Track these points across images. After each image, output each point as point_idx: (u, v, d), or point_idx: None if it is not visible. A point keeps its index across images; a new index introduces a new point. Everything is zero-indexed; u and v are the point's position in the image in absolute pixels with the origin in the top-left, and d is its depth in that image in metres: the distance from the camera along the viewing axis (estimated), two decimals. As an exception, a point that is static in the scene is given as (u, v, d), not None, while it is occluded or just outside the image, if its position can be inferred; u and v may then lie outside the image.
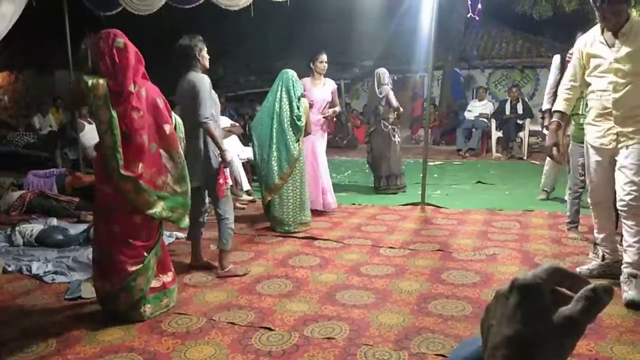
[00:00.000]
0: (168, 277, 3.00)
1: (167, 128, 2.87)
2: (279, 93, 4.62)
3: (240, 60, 15.14)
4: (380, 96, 6.28)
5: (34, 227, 4.46)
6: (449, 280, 3.34)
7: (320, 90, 5.31)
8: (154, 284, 2.89)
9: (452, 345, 2.43)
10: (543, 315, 0.46)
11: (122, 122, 2.71)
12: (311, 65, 5.24)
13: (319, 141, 5.36)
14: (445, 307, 2.92)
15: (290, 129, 4.58)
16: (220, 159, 3.55)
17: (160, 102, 2.88)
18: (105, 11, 6.06)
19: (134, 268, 2.79)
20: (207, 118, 3.39)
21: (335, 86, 5.54)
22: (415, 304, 2.97)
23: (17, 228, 4.44)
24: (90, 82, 2.68)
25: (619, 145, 2.92)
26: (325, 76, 5.37)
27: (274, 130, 4.57)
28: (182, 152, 2.95)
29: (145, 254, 2.84)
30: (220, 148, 3.52)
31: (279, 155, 4.57)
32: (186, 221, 3.00)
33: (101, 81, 2.69)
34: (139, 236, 2.81)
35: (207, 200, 3.77)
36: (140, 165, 2.74)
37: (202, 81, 3.45)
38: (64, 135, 8.49)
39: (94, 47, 2.76)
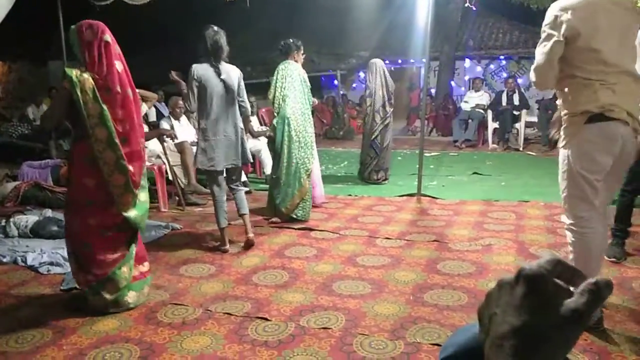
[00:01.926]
0: (144, 267, 3.00)
1: (142, 141, 2.91)
2: (306, 89, 4.75)
3: (235, 51, 15.05)
4: (394, 86, 6.31)
5: (29, 219, 4.45)
6: (444, 270, 3.35)
7: None
8: (134, 273, 2.89)
9: (448, 334, 2.44)
10: (550, 306, 0.46)
11: (115, 123, 2.69)
12: (295, 55, 4.97)
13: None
14: (441, 297, 2.93)
15: (310, 115, 4.85)
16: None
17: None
18: (99, 1, 6.01)
19: (115, 256, 2.79)
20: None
21: None
22: (411, 294, 2.97)
23: (11, 219, 4.42)
24: (74, 76, 2.60)
25: None
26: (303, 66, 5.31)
27: (307, 121, 4.73)
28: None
29: (124, 243, 2.84)
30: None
31: (311, 140, 4.78)
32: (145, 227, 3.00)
33: (85, 75, 2.63)
34: (115, 228, 2.79)
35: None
36: (135, 169, 2.77)
37: None
38: (59, 126, 8.43)
39: (80, 36, 2.68)
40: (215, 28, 3.75)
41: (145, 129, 5.49)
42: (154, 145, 5.48)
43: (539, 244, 3.82)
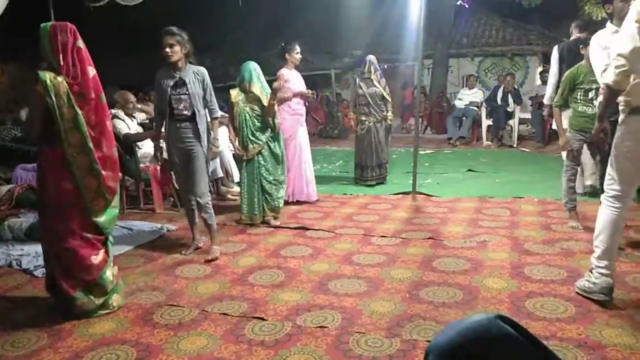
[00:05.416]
0: (115, 270, 2.98)
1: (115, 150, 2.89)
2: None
3: (228, 51, 15.06)
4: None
5: (23, 222, 4.43)
6: (440, 267, 3.36)
7: (297, 79, 5.28)
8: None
9: (444, 331, 2.45)
10: None
11: (88, 128, 2.67)
12: (287, 56, 5.17)
13: (302, 131, 5.34)
14: (436, 294, 2.94)
15: None
16: None
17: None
18: (92, 2, 5.98)
19: (97, 261, 2.78)
20: None
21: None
22: (406, 292, 2.98)
23: (6, 222, 4.41)
24: (48, 80, 2.57)
25: None
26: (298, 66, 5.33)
27: None
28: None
29: (101, 245, 2.84)
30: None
31: None
32: (111, 237, 2.96)
33: (59, 79, 2.60)
34: (94, 230, 2.79)
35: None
36: (109, 174, 2.76)
37: None
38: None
39: (53, 39, 2.63)
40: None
41: (139, 129, 5.49)
42: (148, 147, 5.47)
43: (533, 239, 3.84)
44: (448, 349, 0.60)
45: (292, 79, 5.16)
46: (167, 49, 3.56)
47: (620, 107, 2.59)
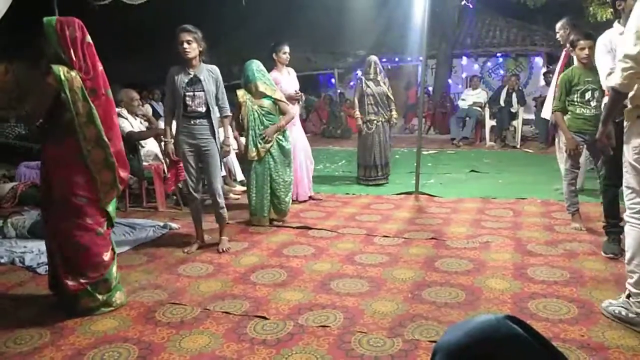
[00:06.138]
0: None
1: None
2: None
3: (232, 50, 15.07)
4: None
5: (26, 219, 4.44)
6: (442, 268, 3.36)
7: (289, 80, 5.24)
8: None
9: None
10: None
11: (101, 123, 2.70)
12: (274, 56, 5.12)
13: (295, 131, 5.29)
14: (438, 294, 2.93)
15: None
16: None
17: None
18: (98, 0, 5.98)
19: (108, 257, 2.81)
20: None
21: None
22: (409, 292, 2.98)
23: (9, 220, 4.42)
24: (62, 74, 2.56)
25: None
26: (288, 66, 5.28)
27: None
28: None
29: (110, 240, 2.88)
30: None
31: None
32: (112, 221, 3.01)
33: (73, 73, 2.60)
34: (105, 224, 2.83)
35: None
36: (121, 167, 2.81)
37: None
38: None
39: (61, 34, 2.61)
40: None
41: (142, 128, 5.50)
42: (151, 145, 5.47)
43: (536, 240, 3.83)
44: (455, 349, 0.60)
45: (283, 81, 5.10)
46: (185, 45, 3.59)
47: (626, 114, 2.44)
